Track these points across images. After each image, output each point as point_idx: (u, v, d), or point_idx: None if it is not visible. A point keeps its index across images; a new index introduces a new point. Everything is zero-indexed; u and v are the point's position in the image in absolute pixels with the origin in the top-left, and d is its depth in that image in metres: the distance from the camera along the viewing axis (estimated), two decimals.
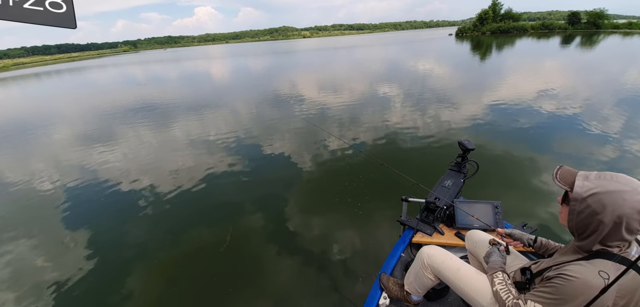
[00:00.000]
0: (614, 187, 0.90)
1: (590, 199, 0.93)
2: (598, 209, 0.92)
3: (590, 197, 0.93)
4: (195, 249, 3.17)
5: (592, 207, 0.93)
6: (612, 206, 0.89)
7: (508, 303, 1.15)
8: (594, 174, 0.97)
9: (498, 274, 1.28)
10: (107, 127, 8.36)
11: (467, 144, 2.37)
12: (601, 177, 0.94)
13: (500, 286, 1.23)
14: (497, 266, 1.32)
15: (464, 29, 59.62)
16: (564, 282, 0.96)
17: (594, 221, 0.93)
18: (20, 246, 3.48)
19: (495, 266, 1.32)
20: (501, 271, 1.30)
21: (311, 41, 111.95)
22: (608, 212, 0.90)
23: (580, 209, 0.96)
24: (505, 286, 1.22)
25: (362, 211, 3.49)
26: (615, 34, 35.74)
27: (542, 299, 1.03)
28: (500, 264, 1.33)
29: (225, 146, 6.04)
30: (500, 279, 1.25)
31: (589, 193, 0.94)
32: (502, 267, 1.32)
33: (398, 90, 10.14)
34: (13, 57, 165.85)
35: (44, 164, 6.01)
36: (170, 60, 43.89)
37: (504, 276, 1.27)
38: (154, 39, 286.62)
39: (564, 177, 1.03)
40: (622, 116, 6.05)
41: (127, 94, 14.61)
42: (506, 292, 1.19)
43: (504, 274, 1.28)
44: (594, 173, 0.97)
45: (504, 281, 1.24)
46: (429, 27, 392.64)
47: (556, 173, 1.06)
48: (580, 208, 0.96)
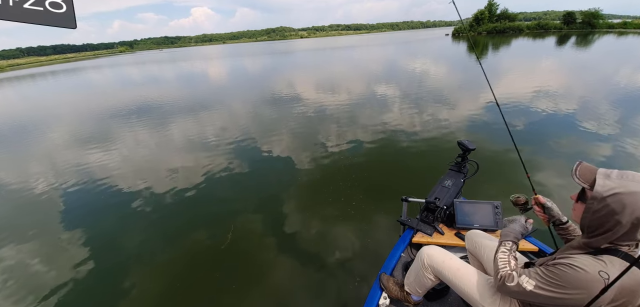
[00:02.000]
0: (637, 188, 0.88)
1: (611, 199, 0.91)
2: (617, 208, 0.89)
3: (611, 196, 0.91)
4: (194, 250, 3.15)
5: (611, 207, 0.91)
6: (632, 207, 0.87)
7: (502, 272, 1.12)
8: (616, 172, 0.94)
9: (507, 243, 1.24)
10: (104, 129, 8.30)
11: (467, 144, 2.38)
12: (624, 177, 0.92)
13: (502, 255, 1.19)
14: (511, 235, 1.27)
15: (460, 29, 59.89)
16: (569, 270, 0.94)
17: (611, 220, 0.91)
18: (18, 248, 3.44)
19: (510, 234, 1.28)
20: (512, 241, 1.24)
21: (308, 41, 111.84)
22: (627, 212, 0.88)
23: (598, 208, 0.94)
24: (507, 256, 1.18)
25: (362, 211, 3.49)
26: (610, 33, 36.06)
27: (539, 278, 1.01)
28: (515, 234, 1.27)
29: (223, 147, 6.02)
30: (506, 248, 1.21)
31: (610, 192, 0.91)
32: (516, 237, 1.27)
33: (397, 91, 10.16)
34: (7, 58, 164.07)
35: (42, 166, 5.95)
36: (168, 61, 43.67)
37: (513, 246, 1.23)
38: (151, 40, 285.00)
39: (584, 175, 1.00)
40: (621, 114, 6.10)
41: (124, 95, 14.52)
42: (505, 263, 1.15)
43: (513, 245, 1.23)
44: (615, 171, 0.94)
45: (510, 251, 1.20)
46: (425, 27, 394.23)
47: (575, 169, 1.03)
48: (598, 206, 0.94)
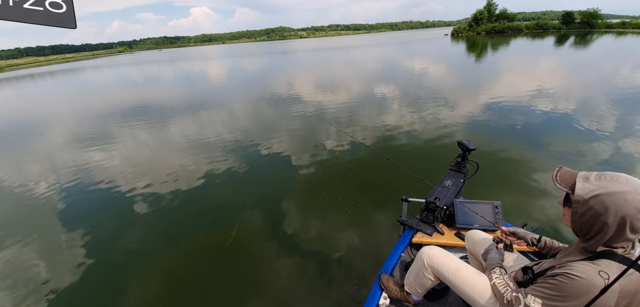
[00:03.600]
0: (615, 188, 0.89)
1: (592, 201, 0.92)
2: (601, 210, 0.91)
3: (592, 199, 0.92)
4: (195, 249, 3.15)
5: (595, 209, 0.92)
6: (614, 207, 0.88)
7: (507, 296, 1.14)
8: (594, 174, 0.95)
9: (495, 269, 1.28)
10: (104, 128, 8.28)
11: (467, 144, 2.38)
12: (601, 178, 0.93)
13: (497, 281, 1.22)
14: (495, 262, 1.32)
15: (459, 29, 59.96)
16: (567, 280, 0.95)
17: (597, 222, 0.92)
18: (19, 248, 3.43)
19: (493, 262, 1.33)
20: (498, 266, 1.29)
21: (308, 41, 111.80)
22: (611, 213, 0.89)
23: (583, 211, 0.95)
24: (503, 280, 1.21)
25: (362, 211, 3.49)
26: (609, 33, 36.13)
27: (543, 294, 1.02)
28: (497, 261, 1.33)
29: (223, 147, 6.01)
30: (497, 274, 1.25)
31: (590, 195, 0.93)
32: (499, 263, 1.32)
33: (396, 91, 10.17)
34: (6, 58, 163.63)
35: (42, 166, 5.94)
36: (167, 61, 43.61)
37: (502, 271, 1.27)
38: (150, 40, 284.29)
39: (564, 179, 1.02)
40: (620, 114, 6.12)
41: (124, 94, 14.49)
42: (504, 286, 1.19)
43: (501, 269, 1.28)
44: (593, 174, 0.96)
45: (502, 275, 1.24)
46: (425, 27, 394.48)
47: (556, 175, 1.04)
48: (582, 210, 0.95)
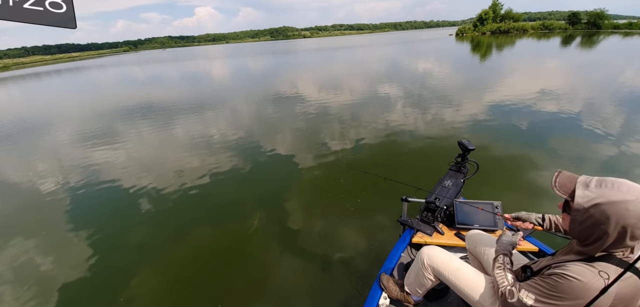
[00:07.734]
0: (617, 197, 0.85)
1: (593, 210, 0.89)
2: (601, 219, 0.87)
3: (593, 207, 0.89)
4: (198, 247, 3.16)
5: (595, 218, 0.88)
6: (616, 217, 0.85)
7: (501, 289, 1.14)
8: (595, 181, 0.91)
9: (500, 256, 1.27)
10: (110, 127, 8.36)
11: (467, 144, 2.37)
12: (602, 185, 0.89)
13: (498, 271, 1.22)
14: (502, 248, 1.32)
15: (463, 29, 59.64)
16: (563, 280, 0.94)
17: (598, 229, 0.89)
18: (24, 245, 3.47)
19: (500, 248, 1.32)
20: (504, 254, 1.28)
21: (312, 41, 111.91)
22: (612, 222, 0.86)
23: (583, 219, 0.92)
24: (503, 270, 1.21)
25: (362, 211, 3.49)
26: (616, 34, 35.68)
27: (537, 291, 1.01)
28: (505, 247, 1.32)
29: (227, 145, 6.04)
30: (500, 262, 1.25)
31: (590, 203, 0.89)
32: (506, 249, 1.30)
33: (398, 91, 10.13)
34: (13, 57, 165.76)
35: (50, 164, 6.01)
36: (172, 60, 43.87)
37: (505, 259, 1.26)
38: (155, 40, 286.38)
39: (564, 185, 0.99)
40: (623, 116, 6.04)
41: (129, 93, 14.60)
42: (502, 278, 1.18)
43: (505, 257, 1.27)
44: (594, 180, 0.92)
45: (504, 265, 1.23)
46: (429, 27, 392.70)
47: (555, 180, 1.01)
48: (582, 218, 0.92)
